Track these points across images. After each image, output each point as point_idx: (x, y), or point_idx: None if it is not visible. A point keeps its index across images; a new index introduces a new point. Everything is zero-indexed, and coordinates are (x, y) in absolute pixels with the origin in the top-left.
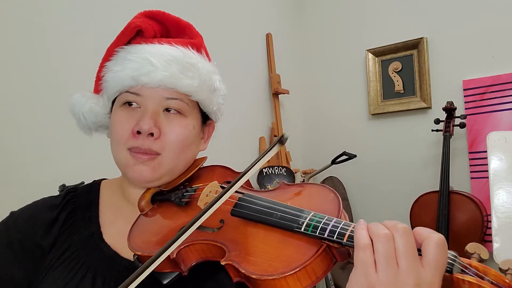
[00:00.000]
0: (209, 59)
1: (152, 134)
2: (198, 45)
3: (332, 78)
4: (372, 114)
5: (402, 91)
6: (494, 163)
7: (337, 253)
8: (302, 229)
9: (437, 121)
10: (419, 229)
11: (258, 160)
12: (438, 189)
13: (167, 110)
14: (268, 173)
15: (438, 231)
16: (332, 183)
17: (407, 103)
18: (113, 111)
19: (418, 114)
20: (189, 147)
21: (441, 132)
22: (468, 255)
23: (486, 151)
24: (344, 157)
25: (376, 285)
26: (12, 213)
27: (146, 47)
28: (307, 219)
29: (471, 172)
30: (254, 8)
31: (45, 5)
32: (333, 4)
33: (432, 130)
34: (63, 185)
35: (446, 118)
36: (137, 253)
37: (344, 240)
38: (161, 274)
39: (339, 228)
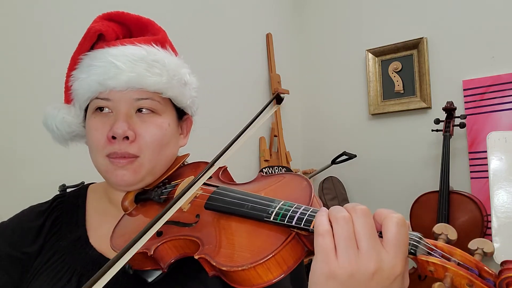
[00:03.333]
0: (176, 53)
1: (127, 138)
2: (162, 41)
3: (332, 78)
4: (372, 114)
5: (402, 91)
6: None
7: (307, 241)
8: (271, 218)
9: (437, 121)
10: (379, 210)
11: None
12: (438, 189)
13: (140, 110)
14: (268, 173)
15: None
16: (332, 183)
17: (407, 103)
18: (87, 119)
19: (418, 114)
20: (167, 145)
21: (441, 132)
22: (435, 236)
23: (486, 151)
24: (344, 157)
25: (337, 271)
26: (0, 224)
27: (109, 50)
28: (277, 208)
29: (471, 172)
30: (254, 8)
31: (45, 5)
32: (333, 4)
33: (432, 130)
34: (63, 185)
35: (446, 118)
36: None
37: (311, 227)
38: (144, 272)
39: (306, 215)
